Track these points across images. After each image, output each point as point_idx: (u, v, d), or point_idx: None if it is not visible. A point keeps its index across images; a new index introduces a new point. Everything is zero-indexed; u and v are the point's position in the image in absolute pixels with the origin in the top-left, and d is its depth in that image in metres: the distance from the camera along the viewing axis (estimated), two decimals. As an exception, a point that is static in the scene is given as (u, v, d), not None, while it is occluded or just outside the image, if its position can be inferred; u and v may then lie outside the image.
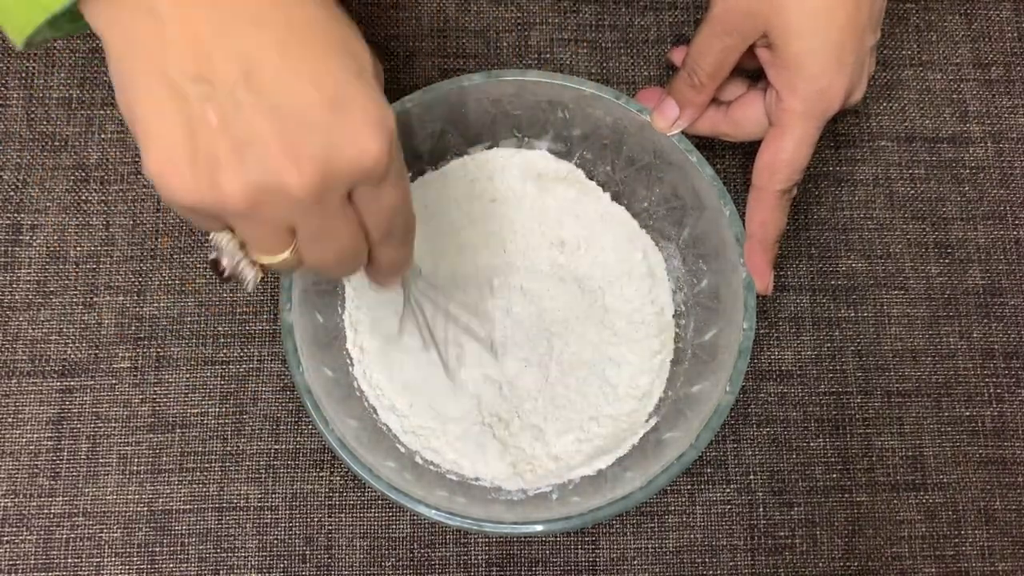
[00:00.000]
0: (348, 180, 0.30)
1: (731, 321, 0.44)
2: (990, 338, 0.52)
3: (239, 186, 0.28)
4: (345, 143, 0.29)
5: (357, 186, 0.31)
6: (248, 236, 0.31)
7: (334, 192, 0.30)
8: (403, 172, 0.33)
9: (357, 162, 0.29)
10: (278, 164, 0.28)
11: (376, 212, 0.32)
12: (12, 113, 0.53)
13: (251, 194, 0.28)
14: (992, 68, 0.56)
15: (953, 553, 0.49)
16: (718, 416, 0.42)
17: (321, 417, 0.42)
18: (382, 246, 0.34)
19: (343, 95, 0.29)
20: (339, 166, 0.29)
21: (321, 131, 0.28)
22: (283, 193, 0.29)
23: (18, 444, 0.48)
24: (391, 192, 0.32)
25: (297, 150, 0.28)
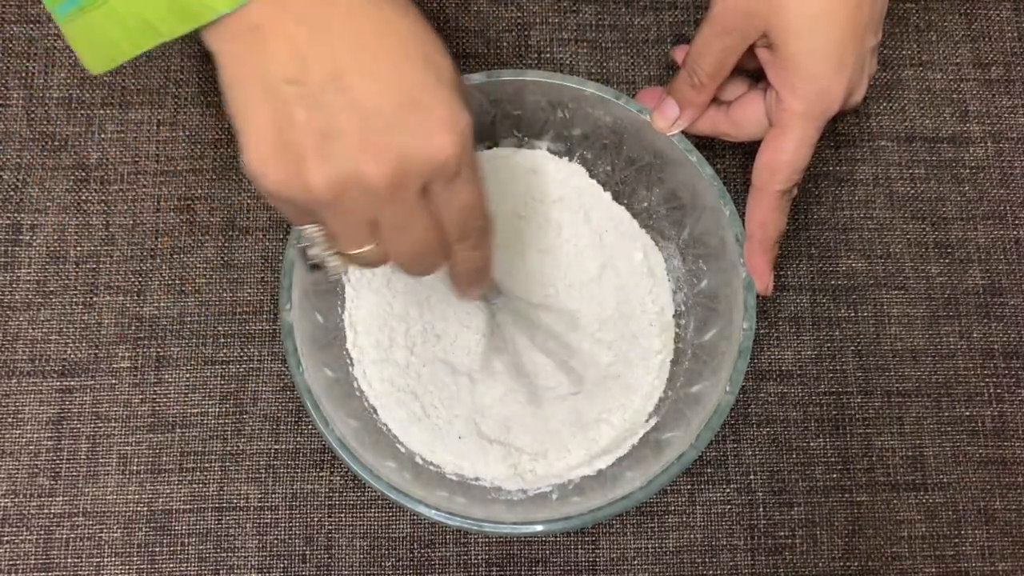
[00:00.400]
0: (422, 174, 0.32)
1: (731, 321, 0.44)
2: (990, 338, 0.52)
3: (322, 177, 0.31)
4: (419, 140, 0.31)
5: (432, 182, 0.32)
6: (335, 228, 0.34)
7: (409, 185, 0.32)
8: (477, 173, 0.34)
9: (430, 157, 0.31)
10: (358, 157, 0.31)
11: (451, 209, 0.34)
12: (12, 113, 0.53)
13: (333, 184, 0.31)
14: (992, 68, 0.56)
15: (953, 553, 0.49)
16: (718, 416, 0.42)
17: (321, 417, 0.42)
18: (459, 246, 0.36)
19: (420, 98, 0.31)
20: (413, 160, 0.31)
21: (398, 128, 0.31)
22: (362, 184, 0.31)
23: (18, 444, 0.48)
24: (464, 190, 0.34)
25: (376, 144, 0.31)
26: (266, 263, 0.51)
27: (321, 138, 0.31)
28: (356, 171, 0.31)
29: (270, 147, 0.31)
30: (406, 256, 0.35)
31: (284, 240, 0.51)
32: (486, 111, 0.48)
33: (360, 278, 0.48)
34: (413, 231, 0.34)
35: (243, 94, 0.31)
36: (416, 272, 0.36)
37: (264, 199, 0.34)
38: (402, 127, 0.31)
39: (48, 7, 0.34)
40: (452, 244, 0.36)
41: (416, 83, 0.31)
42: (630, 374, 0.48)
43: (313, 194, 0.31)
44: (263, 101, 0.31)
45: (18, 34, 0.54)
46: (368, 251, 0.34)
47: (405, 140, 0.31)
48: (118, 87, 0.53)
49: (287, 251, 0.43)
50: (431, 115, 0.31)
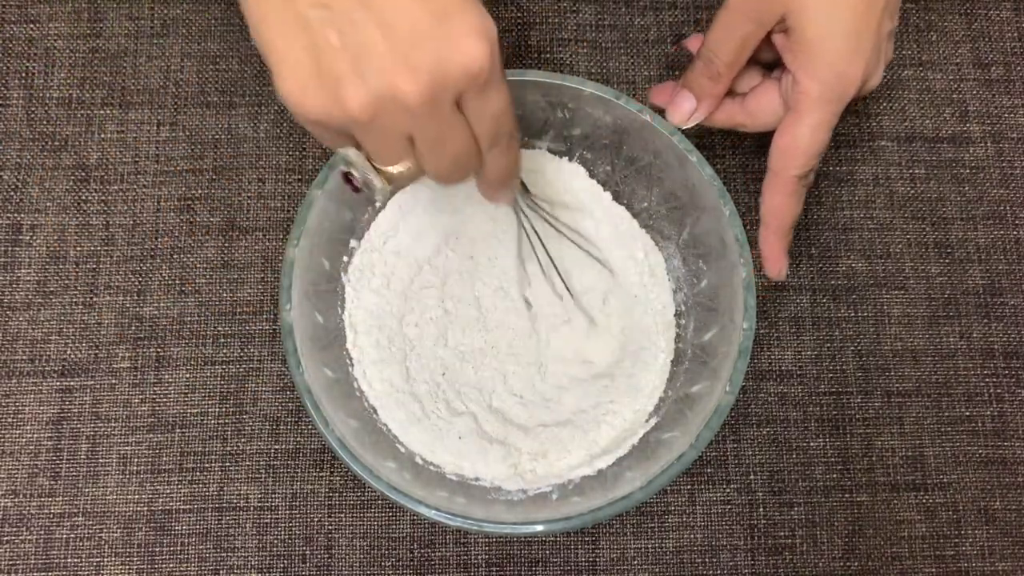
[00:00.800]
0: (457, 85, 0.32)
1: (731, 321, 0.44)
2: (990, 338, 0.52)
3: (360, 97, 0.31)
4: (452, 51, 0.31)
5: (465, 92, 0.33)
6: (373, 147, 0.34)
7: (445, 98, 0.32)
8: (504, 78, 0.34)
9: (464, 67, 0.32)
10: (393, 74, 0.31)
11: (483, 117, 0.34)
12: (12, 113, 0.53)
13: (372, 104, 0.31)
14: (992, 68, 0.56)
15: (953, 553, 0.49)
16: (718, 416, 0.42)
17: (321, 417, 0.42)
18: (491, 152, 0.36)
19: (446, 9, 0.31)
20: (448, 72, 0.32)
21: (430, 41, 0.31)
22: (399, 101, 0.31)
23: (18, 444, 0.48)
24: (495, 97, 0.34)
25: (409, 60, 0.31)
26: (266, 263, 0.51)
27: (355, 59, 0.31)
28: (393, 89, 0.31)
29: (307, 75, 0.31)
30: (443, 168, 0.35)
31: (284, 240, 0.51)
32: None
33: (360, 278, 0.48)
34: (450, 143, 0.34)
35: (272, 27, 0.32)
36: (451, 182, 0.37)
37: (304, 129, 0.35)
38: (433, 40, 0.31)
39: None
40: (485, 152, 0.36)
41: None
42: (641, 374, 0.48)
43: (352, 115, 0.32)
44: (293, 31, 0.31)
45: (18, 34, 0.54)
46: (407, 168, 0.35)
47: (437, 53, 0.31)
48: (118, 87, 0.53)
49: (287, 251, 0.43)
50: (459, 25, 0.31)
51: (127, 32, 0.54)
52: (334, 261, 0.48)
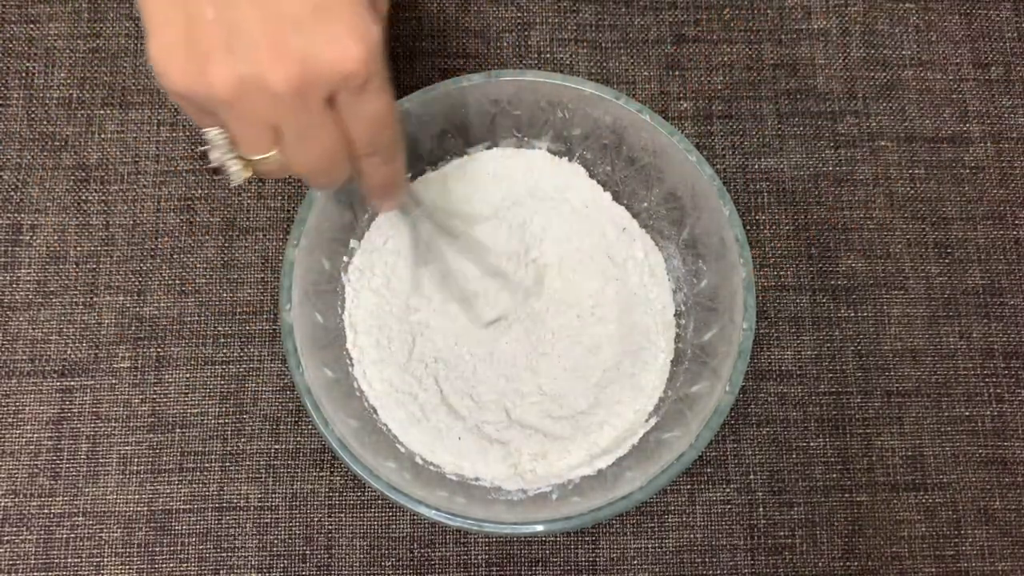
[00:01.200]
0: (327, 82, 0.31)
1: (731, 321, 0.44)
2: (990, 338, 0.52)
3: (225, 76, 0.31)
4: (325, 47, 0.31)
5: (339, 91, 0.32)
6: (236, 131, 0.33)
7: (313, 93, 0.31)
8: (386, 87, 0.34)
9: (335, 65, 0.31)
10: (262, 58, 0.30)
11: (358, 121, 0.34)
12: (12, 113, 0.53)
13: (236, 85, 0.31)
14: (992, 68, 0.56)
15: (953, 553, 0.49)
16: (718, 416, 0.42)
17: (321, 417, 0.42)
18: (369, 160, 0.36)
19: (329, 4, 0.31)
20: (318, 67, 0.31)
21: (305, 32, 0.31)
22: (265, 87, 0.31)
23: (18, 444, 0.48)
24: (373, 102, 0.33)
25: (281, 47, 0.30)
26: (266, 263, 0.51)
27: (227, 37, 0.30)
28: (259, 73, 0.31)
29: (176, 43, 0.31)
30: (309, 166, 0.35)
31: (284, 240, 0.51)
32: (486, 111, 0.48)
33: (360, 278, 0.48)
34: (316, 141, 0.33)
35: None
36: (320, 184, 0.36)
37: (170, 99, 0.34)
38: (309, 31, 0.31)
39: None
40: (360, 158, 0.36)
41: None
42: (642, 374, 0.48)
43: (215, 92, 0.31)
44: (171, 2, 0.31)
45: (18, 34, 0.54)
46: (270, 159, 0.34)
47: (311, 45, 0.31)
48: (118, 87, 0.53)
49: (287, 251, 0.43)
50: (340, 23, 0.31)
51: (127, 32, 0.54)
52: (334, 261, 0.48)
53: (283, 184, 0.52)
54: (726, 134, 0.54)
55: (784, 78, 0.55)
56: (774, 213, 0.53)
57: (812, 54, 0.56)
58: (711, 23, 0.56)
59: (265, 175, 0.36)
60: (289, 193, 0.52)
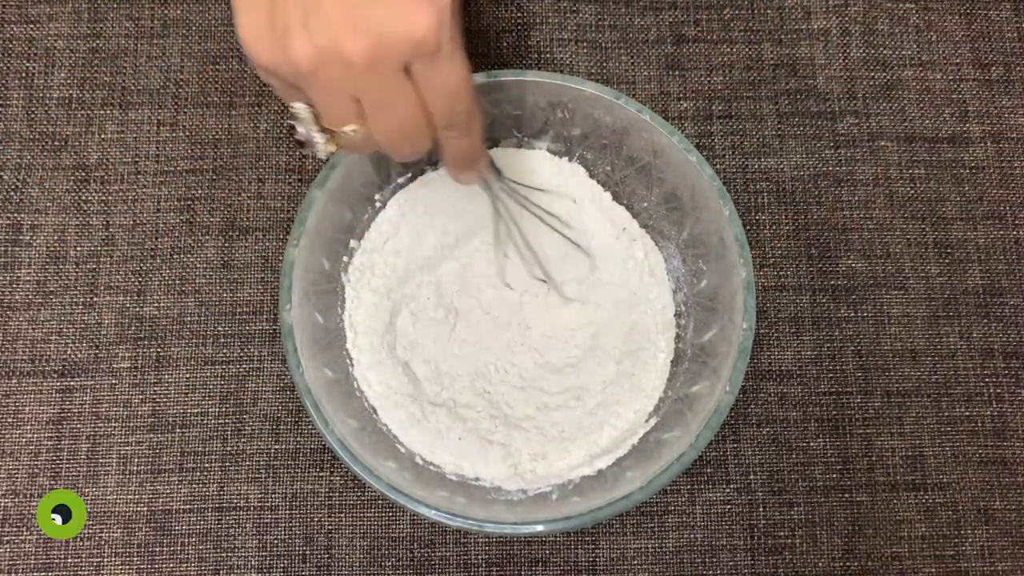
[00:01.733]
0: (400, 50, 0.33)
1: (731, 321, 0.44)
2: (990, 338, 0.52)
3: (305, 50, 0.32)
4: (398, 15, 0.32)
5: (413, 61, 0.33)
6: (320, 104, 0.35)
7: (387, 62, 0.33)
8: (459, 56, 0.35)
9: (406, 33, 0.32)
10: (338, 31, 0.32)
11: (433, 89, 0.35)
12: (12, 113, 0.53)
13: (315, 57, 0.32)
14: (992, 68, 0.56)
15: (953, 553, 0.49)
16: (718, 416, 0.42)
17: (321, 417, 0.42)
18: (446, 131, 0.37)
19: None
20: (390, 36, 0.32)
21: (378, 4, 0.32)
22: (342, 58, 0.32)
23: (18, 444, 0.48)
24: (447, 70, 0.34)
25: (355, 20, 0.32)
26: (266, 263, 0.51)
27: (305, 13, 0.32)
28: (336, 45, 0.32)
29: (262, 23, 0.32)
30: (390, 135, 0.36)
31: (284, 240, 0.51)
32: (486, 111, 0.48)
33: (360, 278, 0.48)
34: (395, 110, 0.35)
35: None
36: (401, 154, 0.37)
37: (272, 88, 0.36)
38: (381, 3, 0.32)
39: None
40: (440, 131, 0.37)
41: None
42: (642, 374, 0.48)
43: (296, 67, 0.33)
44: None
45: (18, 34, 0.54)
46: (353, 131, 0.36)
47: (383, 15, 0.32)
48: (118, 87, 0.53)
49: (287, 251, 0.43)
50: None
51: (127, 32, 0.54)
52: (334, 261, 0.48)
53: (283, 184, 0.52)
54: (726, 134, 0.54)
55: (784, 78, 0.55)
56: (774, 213, 0.53)
57: (812, 54, 0.56)
58: (711, 23, 0.56)
59: (349, 148, 0.37)
60: (289, 193, 0.52)
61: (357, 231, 0.49)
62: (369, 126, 0.36)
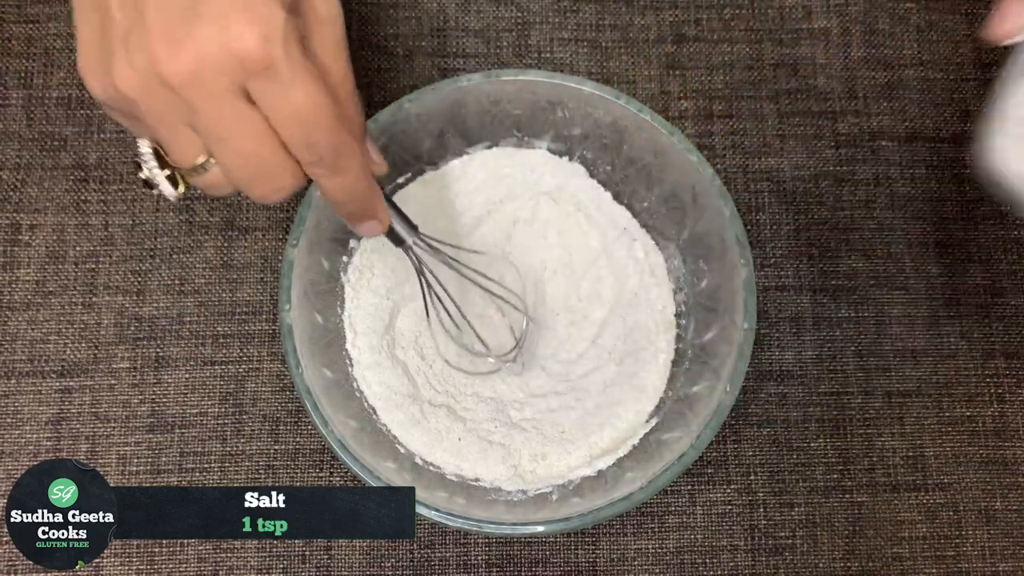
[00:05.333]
0: (224, 69, 0.30)
1: (731, 321, 0.44)
2: (991, 338, 0.52)
3: (126, 70, 0.30)
4: (219, 30, 0.29)
5: (246, 81, 0.30)
6: (159, 137, 0.32)
7: (211, 81, 0.30)
8: (306, 77, 0.31)
9: (227, 49, 0.30)
10: (155, 46, 0.30)
11: (280, 116, 0.31)
12: (12, 113, 0.53)
13: (136, 80, 0.30)
14: (993, 68, 0.56)
15: (954, 553, 0.49)
16: (718, 416, 0.42)
17: (321, 418, 0.42)
18: (312, 168, 0.33)
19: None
20: (209, 51, 0.30)
21: (200, 20, 0.29)
22: (162, 78, 0.30)
23: (18, 444, 0.48)
24: (292, 95, 0.31)
25: (173, 36, 0.30)
26: (265, 263, 0.51)
27: (126, 33, 0.30)
28: (154, 64, 0.30)
29: (93, 52, 0.31)
30: (239, 172, 0.32)
31: (283, 240, 0.51)
32: (486, 111, 0.48)
33: (360, 278, 0.48)
34: (236, 140, 0.31)
35: (78, 5, 0.32)
36: (260, 195, 0.33)
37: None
38: (203, 18, 0.29)
39: None
40: (306, 168, 0.33)
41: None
42: (642, 374, 0.48)
43: (121, 92, 0.30)
44: (90, 8, 0.31)
45: (18, 34, 0.54)
46: (203, 170, 0.33)
47: (204, 30, 0.29)
48: (118, 87, 0.53)
49: (286, 251, 0.43)
50: (232, 6, 0.30)
51: (127, 32, 0.54)
52: (334, 261, 0.48)
53: (283, 184, 0.52)
54: (726, 134, 0.54)
55: (784, 78, 0.55)
56: (774, 213, 0.53)
57: (813, 54, 0.56)
58: (711, 23, 0.56)
59: (206, 189, 0.34)
60: (289, 193, 0.52)
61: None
62: (217, 161, 0.32)
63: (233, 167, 0.33)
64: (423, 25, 0.55)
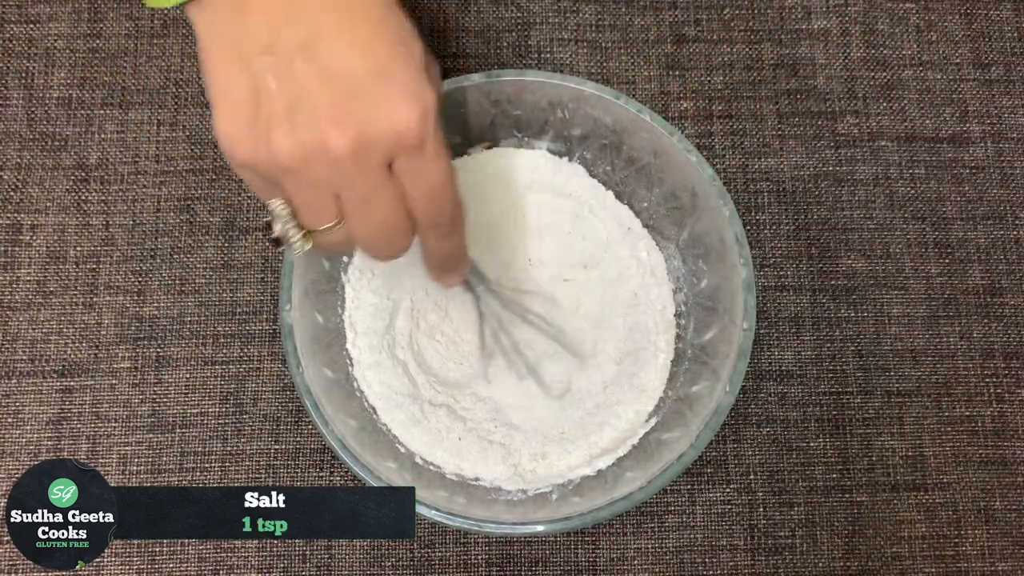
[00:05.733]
0: (384, 145, 0.32)
1: (731, 321, 0.44)
2: (990, 338, 0.52)
3: (289, 143, 0.31)
4: (382, 109, 0.31)
5: (397, 156, 0.32)
6: (298, 201, 0.34)
7: (372, 155, 0.32)
8: (444, 154, 0.34)
9: (390, 128, 0.31)
10: (323, 123, 0.31)
11: (417, 188, 0.34)
12: (12, 113, 0.53)
13: (298, 152, 0.31)
14: (992, 68, 0.56)
15: (953, 553, 0.49)
16: (718, 416, 0.42)
17: (321, 417, 0.42)
18: (429, 233, 0.36)
19: (387, 69, 0.32)
20: (375, 130, 0.31)
21: (363, 96, 0.31)
22: (326, 151, 0.31)
23: (18, 444, 0.48)
24: (431, 169, 0.33)
25: (340, 111, 0.31)
26: (266, 263, 0.51)
27: (290, 107, 0.31)
28: (321, 138, 0.31)
29: (242, 116, 0.31)
30: (369, 235, 0.35)
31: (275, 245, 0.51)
32: (486, 111, 0.48)
33: (360, 278, 0.48)
34: (378, 207, 0.34)
35: (218, 65, 0.32)
36: (380, 255, 0.36)
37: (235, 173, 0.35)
38: (367, 96, 0.31)
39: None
40: (422, 231, 0.36)
41: (387, 55, 0.32)
42: (642, 374, 0.48)
43: (279, 161, 0.32)
44: (236, 70, 0.31)
45: (18, 34, 0.54)
46: (332, 228, 0.34)
47: (369, 108, 0.31)
48: (118, 87, 0.53)
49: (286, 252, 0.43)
50: (395, 86, 0.31)
51: (127, 32, 0.54)
52: (334, 261, 0.48)
53: (283, 184, 0.52)
54: (726, 134, 0.54)
55: (784, 78, 0.55)
56: (774, 213, 0.53)
57: (812, 54, 0.56)
58: (711, 23, 0.56)
59: (327, 246, 0.36)
60: (289, 193, 0.52)
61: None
62: (349, 225, 0.34)
63: (365, 231, 0.35)
64: (423, 26, 0.55)
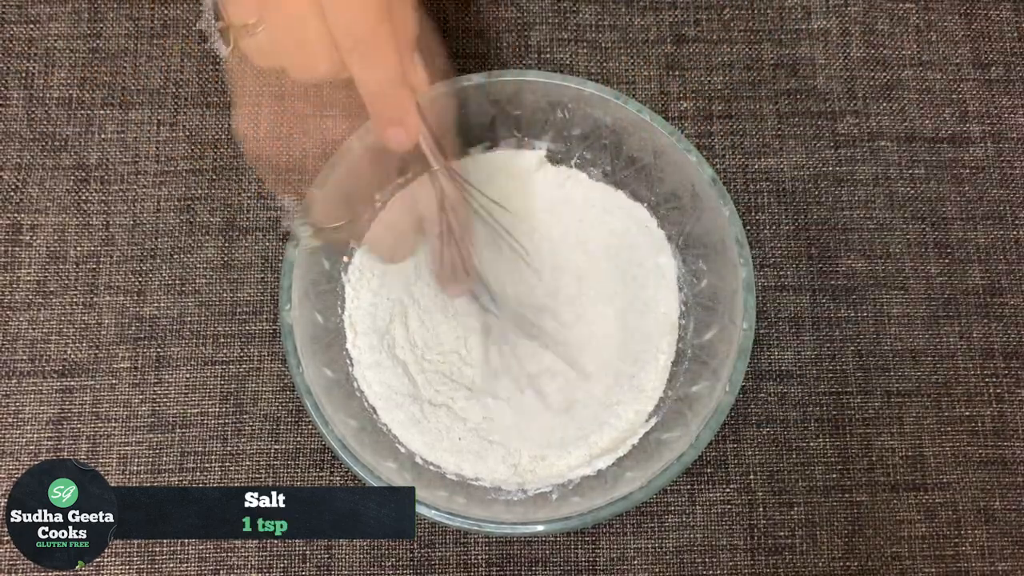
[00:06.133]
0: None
1: (731, 321, 0.44)
2: (990, 338, 0.52)
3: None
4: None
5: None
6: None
7: None
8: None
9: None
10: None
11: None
12: (12, 113, 0.53)
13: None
14: (992, 68, 0.56)
15: (953, 553, 0.49)
16: (718, 416, 0.42)
17: (321, 417, 0.42)
18: (349, 56, 0.36)
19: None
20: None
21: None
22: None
23: (18, 444, 0.48)
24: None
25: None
26: (266, 263, 0.51)
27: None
28: None
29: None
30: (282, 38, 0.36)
31: (284, 240, 0.51)
32: (486, 111, 0.48)
33: (360, 278, 0.48)
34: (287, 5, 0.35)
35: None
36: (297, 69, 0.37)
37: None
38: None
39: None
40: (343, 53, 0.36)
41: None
42: (642, 375, 0.48)
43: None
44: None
45: (18, 34, 0.54)
46: (253, 28, 0.36)
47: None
48: (118, 87, 0.53)
49: (287, 251, 0.43)
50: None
51: (127, 32, 0.54)
52: (334, 261, 0.48)
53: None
54: (726, 134, 0.54)
55: (784, 78, 0.55)
56: (774, 213, 0.53)
57: (812, 54, 0.56)
58: (711, 23, 0.56)
59: (250, 55, 0.37)
60: (289, 193, 0.52)
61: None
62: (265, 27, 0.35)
63: (278, 33, 0.35)
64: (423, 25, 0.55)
